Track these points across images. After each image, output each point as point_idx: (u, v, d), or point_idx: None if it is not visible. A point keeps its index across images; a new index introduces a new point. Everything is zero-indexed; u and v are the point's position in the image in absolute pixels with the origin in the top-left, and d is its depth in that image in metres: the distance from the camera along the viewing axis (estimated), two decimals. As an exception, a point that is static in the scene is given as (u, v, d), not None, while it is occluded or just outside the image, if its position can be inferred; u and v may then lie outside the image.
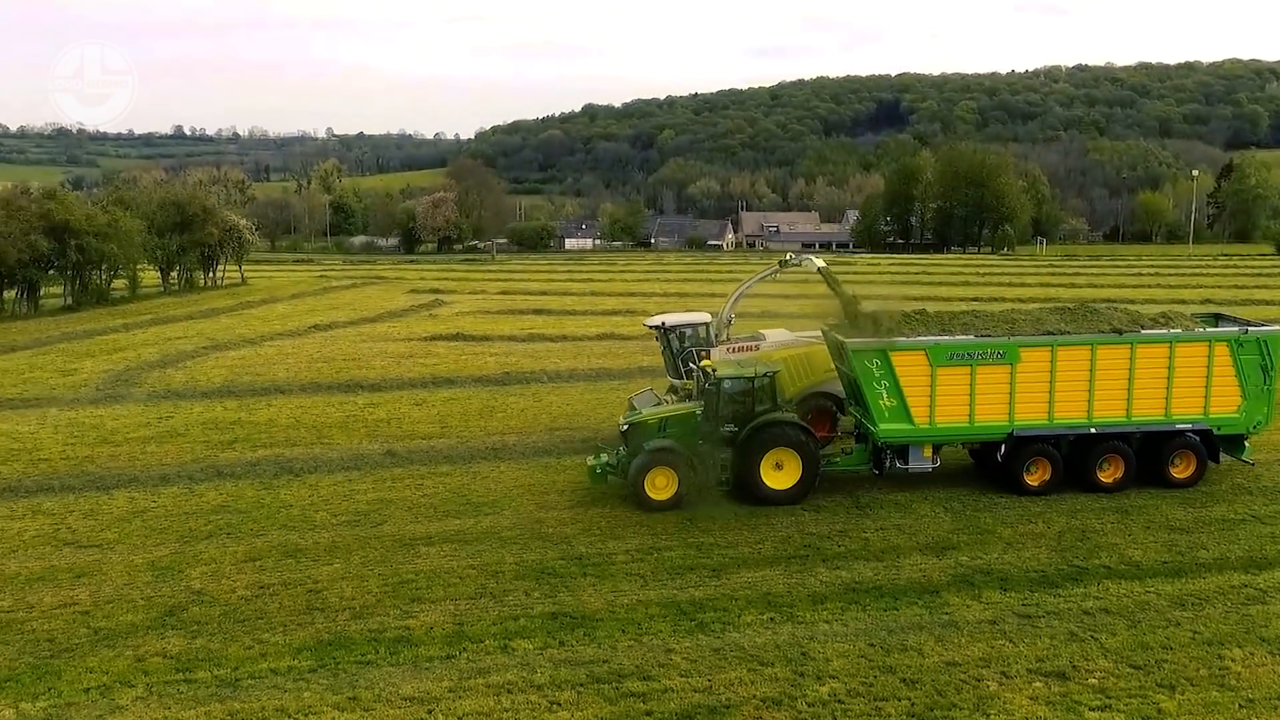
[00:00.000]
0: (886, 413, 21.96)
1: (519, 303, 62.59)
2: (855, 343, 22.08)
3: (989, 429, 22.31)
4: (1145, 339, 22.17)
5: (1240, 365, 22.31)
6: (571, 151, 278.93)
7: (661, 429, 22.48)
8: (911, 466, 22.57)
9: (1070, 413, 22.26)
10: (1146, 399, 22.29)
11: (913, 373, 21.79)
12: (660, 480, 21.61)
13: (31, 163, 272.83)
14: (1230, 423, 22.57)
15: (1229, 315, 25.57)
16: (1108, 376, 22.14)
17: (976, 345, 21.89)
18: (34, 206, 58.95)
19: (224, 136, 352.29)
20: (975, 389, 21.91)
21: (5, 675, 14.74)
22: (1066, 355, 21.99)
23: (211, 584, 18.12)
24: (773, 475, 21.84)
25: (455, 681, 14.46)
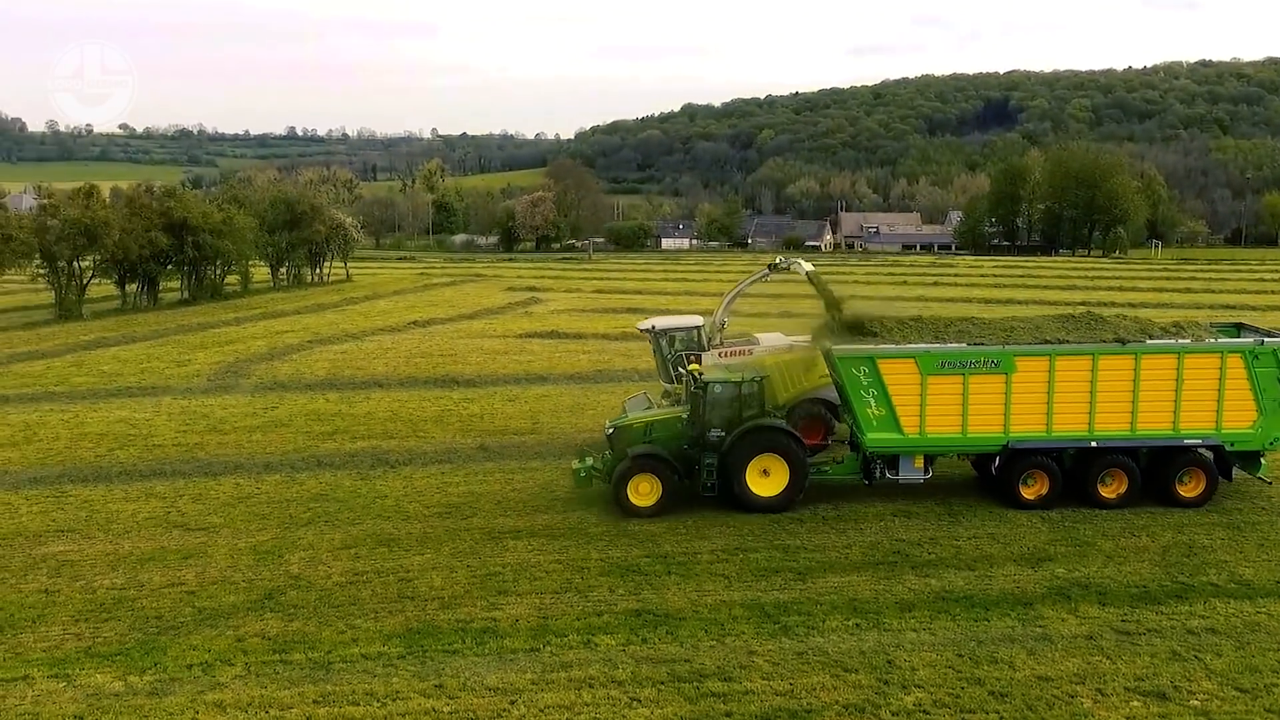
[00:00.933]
0: (875, 422, 21.29)
1: (613, 301, 62.95)
2: (842, 350, 21.48)
3: (983, 440, 21.50)
4: (1151, 349, 21.12)
5: (1256, 378, 21.07)
6: (670, 151, 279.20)
7: (647, 434, 22.22)
8: (902, 477, 21.88)
9: (1070, 425, 21.27)
10: (1153, 412, 21.19)
11: (902, 381, 21.06)
12: (644, 486, 21.24)
13: (155, 162, 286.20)
14: (1244, 439, 21.33)
15: (1252, 325, 24.07)
16: (1110, 388, 21.09)
17: (969, 354, 21.04)
18: (155, 204, 61.83)
19: (334, 137, 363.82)
20: (968, 399, 21.08)
21: (115, 649, 15.51)
22: (1065, 365, 21.05)
23: (309, 569, 18.74)
24: (759, 481, 21.32)
25: (538, 674, 14.65)
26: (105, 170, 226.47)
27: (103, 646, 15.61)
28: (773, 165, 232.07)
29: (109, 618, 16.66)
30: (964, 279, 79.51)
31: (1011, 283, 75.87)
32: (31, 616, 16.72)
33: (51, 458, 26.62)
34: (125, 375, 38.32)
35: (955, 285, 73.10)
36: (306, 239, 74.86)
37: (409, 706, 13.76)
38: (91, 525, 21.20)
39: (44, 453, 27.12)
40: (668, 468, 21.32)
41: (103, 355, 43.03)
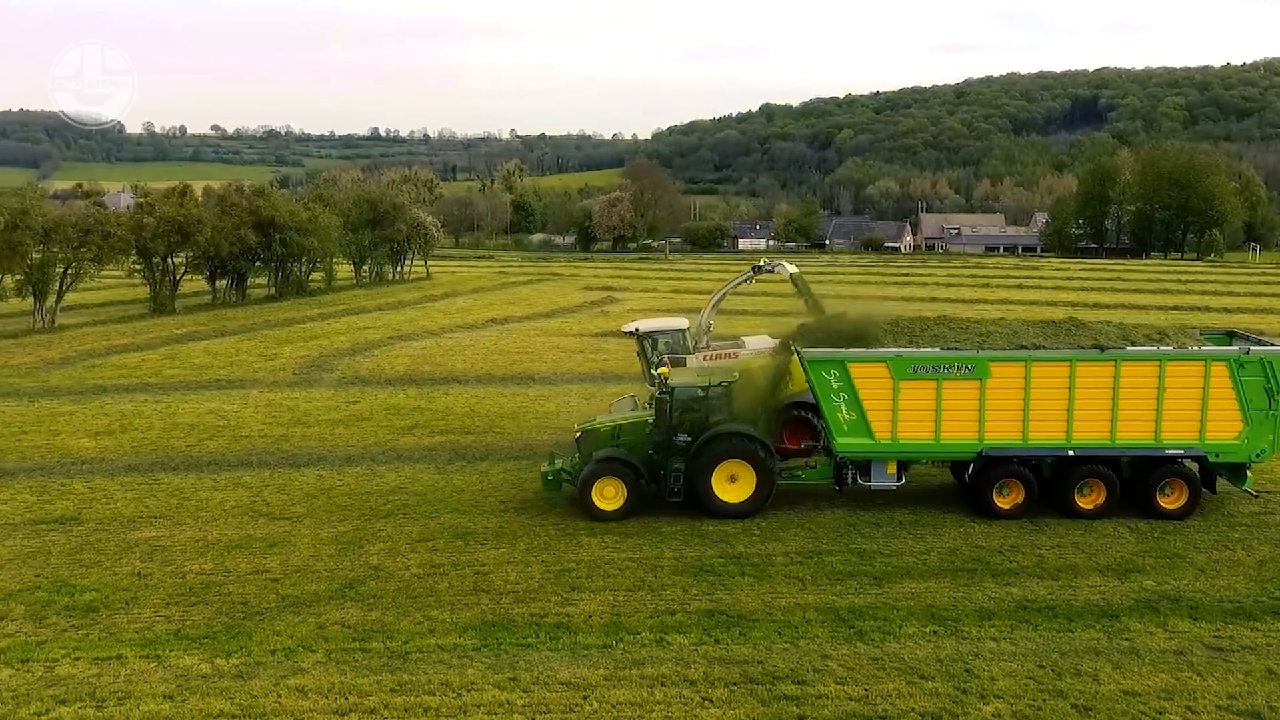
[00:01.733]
0: (845, 426, 20.88)
1: (689, 301, 62.82)
2: (812, 353, 21.09)
3: (957, 447, 21.03)
4: (1131, 356, 20.48)
5: (1241, 387, 20.26)
6: (747, 151, 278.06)
7: (615, 437, 22.06)
8: (874, 484, 21.46)
9: (1047, 433, 20.68)
10: (1133, 421, 20.50)
11: (873, 386, 20.65)
12: (609, 490, 21.05)
13: (245, 162, 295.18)
14: (1230, 450, 20.55)
15: (1243, 333, 23.10)
16: (1089, 396, 20.46)
17: (942, 359, 20.58)
18: (245, 203, 63.69)
19: (415, 138, 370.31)
20: (942, 405, 20.60)
21: (203, 632, 16.02)
22: (1042, 372, 20.47)
23: (388, 560, 19.10)
24: (726, 487, 21.01)
25: (610, 670, 14.70)
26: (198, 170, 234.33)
27: (191, 629, 16.13)
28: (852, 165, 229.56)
29: (198, 602, 17.21)
30: (1049, 282, 77.56)
31: (1099, 286, 73.79)
32: (125, 599, 17.36)
33: (145, 447, 27.61)
34: (215, 368, 39.56)
35: (1040, 288, 71.33)
36: (388, 237, 76.36)
37: (483, 698, 13.93)
38: (182, 512, 21.93)
39: (138, 442, 28.14)
40: (632, 472, 21.09)
41: (194, 349, 44.49)
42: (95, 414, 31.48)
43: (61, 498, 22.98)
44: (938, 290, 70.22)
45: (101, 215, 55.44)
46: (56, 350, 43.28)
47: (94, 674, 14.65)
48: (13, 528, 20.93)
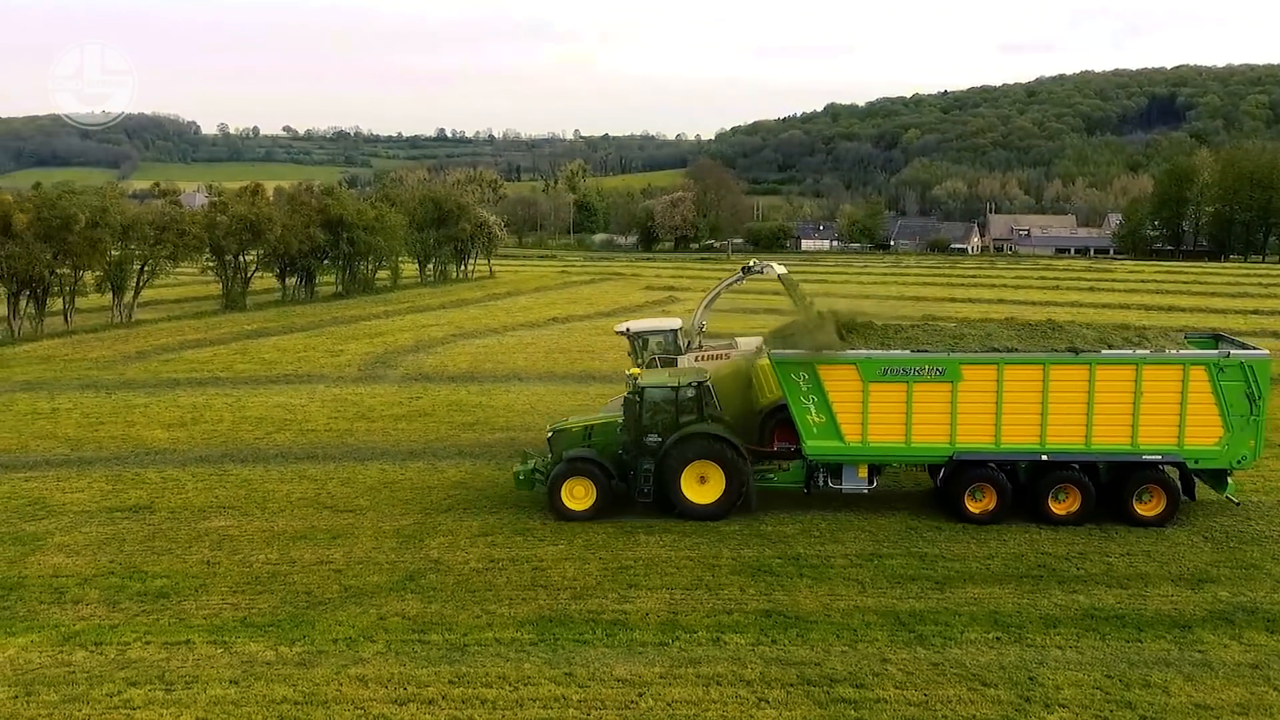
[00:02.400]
0: (815, 429, 20.61)
1: (750, 301, 62.50)
2: (780, 354, 20.79)
3: (928, 451, 20.68)
4: (1107, 360, 19.93)
5: (1221, 392, 19.69)
6: (812, 152, 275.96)
7: (586, 437, 21.95)
8: (845, 487, 21.19)
9: (1020, 437, 20.24)
10: (1109, 426, 19.97)
11: (843, 388, 20.37)
12: (578, 490, 20.93)
13: (316, 163, 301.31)
14: (1210, 456, 19.99)
15: (1229, 337, 22.23)
16: (1063, 400, 19.97)
17: (912, 361, 20.25)
18: (314, 202, 65.10)
19: (481, 139, 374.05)
20: (912, 407, 20.28)
21: (268, 620, 16.36)
22: (1015, 375, 20.03)
23: (448, 554, 19.31)
24: (696, 488, 20.81)
25: (666, 668, 14.67)
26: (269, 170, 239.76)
27: (257, 617, 16.48)
28: (918, 166, 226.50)
29: (263, 590, 17.58)
30: (1122, 285, 75.62)
31: (1175, 289, 71.68)
32: (194, 586, 17.81)
33: (215, 438, 28.31)
34: (283, 363, 40.40)
35: (1113, 291, 69.56)
36: (453, 236, 77.32)
37: (539, 692, 14.00)
38: (249, 503, 22.43)
39: (209, 434, 28.86)
40: (602, 472, 20.96)
41: (264, 344, 45.52)
42: (168, 406, 32.37)
43: (135, 487, 23.66)
44: (1005, 292, 68.89)
45: (177, 214, 57.00)
46: (133, 344, 44.60)
47: (163, 658, 15.05)
48: (89, 515, 21.60)
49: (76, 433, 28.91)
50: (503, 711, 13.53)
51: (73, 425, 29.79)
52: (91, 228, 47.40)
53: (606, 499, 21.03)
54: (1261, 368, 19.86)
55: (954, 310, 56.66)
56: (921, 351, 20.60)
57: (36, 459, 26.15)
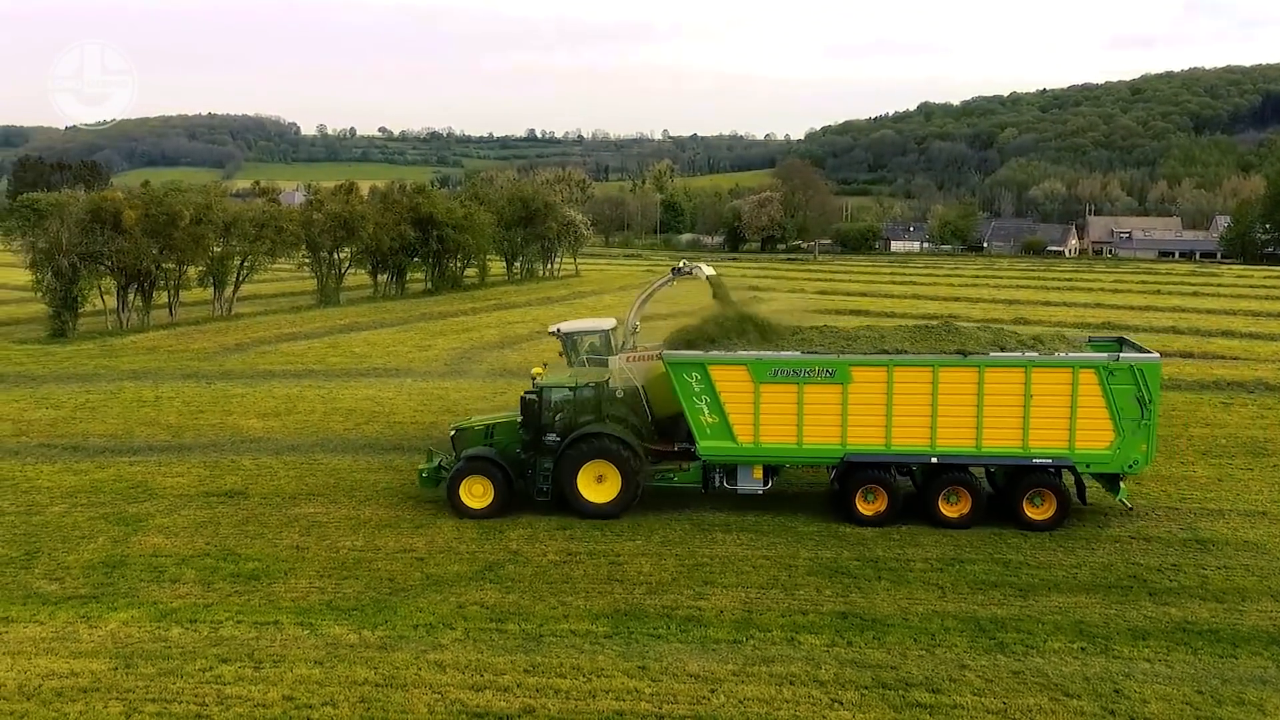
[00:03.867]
0: (708, 429, 20.65)
1: (836, 303, 61.87)
2: (673, 355, 20.87)
3: (820, 452, 20.76)
4: (995, 362, 19.83)
5: (1112, 396, 19.50)
6: (904, 152, 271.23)
7: (488, 436, 22.07)
8: (740, 487, 21.15)
9: (911, 439, 20.18)
10: (999, 429, 19.87)
11: (734, 389, 20.41)
12: (477, 488, 21.06)
13: (409, 163, 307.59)
14: (1101, 460, 19.85)
15: (1133, 341, 21.79)
16: (953, 402, 19.91)
17: (802, 362, 20.29)
18: (406, 200, 66.47)
19: (570, 139, 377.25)
20: (803, 409, 20.27)
21: (352, 605, 16.84)
22: (904, 376, 20.04)
23: (527, 546, 19.60)
24: (593, 488, 20.88)
25: (740, 666, 14.65)
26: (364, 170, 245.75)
27: (342, 601, 16.98)
28: (1014, 166, 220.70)
29: (348, 576, 18.10)
30: (1229, 290, 72.56)
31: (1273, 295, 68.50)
32: (284, 569, 18.43)
33: (307, 429, 29.21)
34: (373, 357, 41.44)
35: (1218, 296, 66.81)
36: (540, 235, 78.18)
37: (612, 685, 14.12)
38: (338, 491, 23.09)
39: (301, 424, 29.79)
40: (500, 471, 21.08)
41: (355, 339, 46.75)
42: (264, 397, 33.50)
43: (231, 473, 24.57)
44: (1102, 296, 66.77)
45: (275, 211, 58.87)
46: (232, 337, 46.27)
47: (253, 637, 15.62)
48: (188, 499, 22.51)
49: (178, 420, 30.14)
50: (575, 702, 13.69)
51: (174, 413, 31.06)
52: (195, 224, 49.31)
53: (505, 498, 21.16)
54: (1152, 371, 19.67)
55: (1047, 315, 55.21)
56: (812, 353, 20.63)
57: (140, 444, 27.35)
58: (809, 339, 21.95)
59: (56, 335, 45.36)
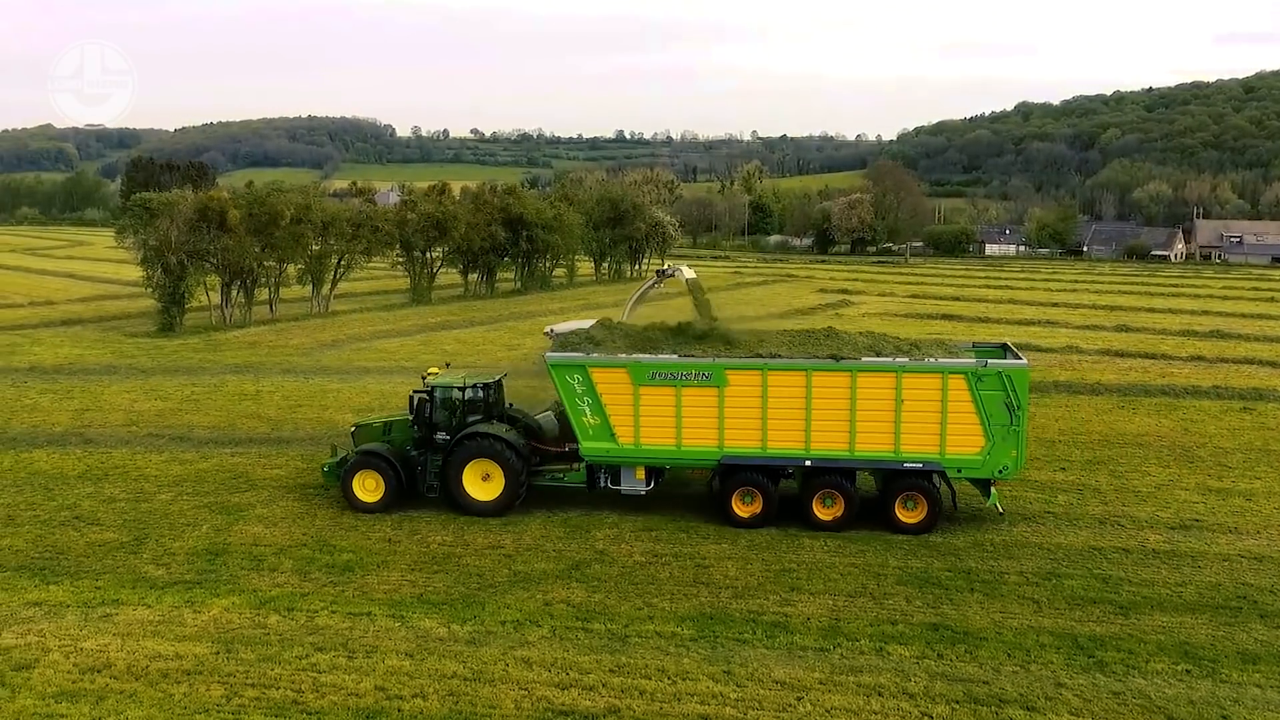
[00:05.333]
0: (590, 430, 20.95)
1: (928, 307, 60.73)
2: (554, 357, 21.20)
3: (698, 454, 20.85)
4: (867, 367, 20.03)
5: (981, 402, 19.59)
6: (1000, 153, 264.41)
7: (385, 433, 22.66)
8: (624, 488, 21.42)
9: (786, 442, 20.35)
10: (872, 433, 20.03)
11: (615, 391, 20.71)
12: (369, 483, 21.58)
13: (500, 164, 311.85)
14: (972, 465, 19.95)
15: (1014, 348, 21.96)
16: (826, 406, 20.13)
17: (678, 365, 20.53)
18: (496, 201, 67.41)
19: (658, 140, 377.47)
20: (681, 411, 20.48)
21: (442, 598, 17.14)
22: (779, 381, 20.22)
23: (613, 546, 19.69)
24: (479, 486, 21.28)
25: (826, 674, 14.47)
26: (457, 171, 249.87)
27: (432, 595, 17.30)
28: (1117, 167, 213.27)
29: (439, 570, 18.43)
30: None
31: None
32: (376, 561, 18.86)
33: (400, 424, 29.77)
34: (463, 355, 42.05)
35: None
36: (627, 236, 78.52)
37: (697, 688, 14.08)
38: (429, 486, 23.48)
39: (394, 419, 30.38)
40: (391, 467, 21.50)
41: (446, 336, 47.59)
42: (358, 392, 34.33)
43: (327, 466, 25.18)
44: (1211, 303, 64.10)
45: (371, 211, 60.32)
46: (329, 333, 47.56)
47: (347, 627, 16.01)
48: (286, 490, 23.20)
49: (277, 414, 31.09)
50: (660, 704, 13.69)
51: (274, 407, 32.05)
52: (295, 224, 50.82)
53: (397, 493, 21.56)
54: (1020, 378, 19.71)
55: (1151, 322, 53.30)
56: (689, 356, 20.76)
57: (242, 436, 28.30)
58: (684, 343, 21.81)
59: (165, 329, 47.25)
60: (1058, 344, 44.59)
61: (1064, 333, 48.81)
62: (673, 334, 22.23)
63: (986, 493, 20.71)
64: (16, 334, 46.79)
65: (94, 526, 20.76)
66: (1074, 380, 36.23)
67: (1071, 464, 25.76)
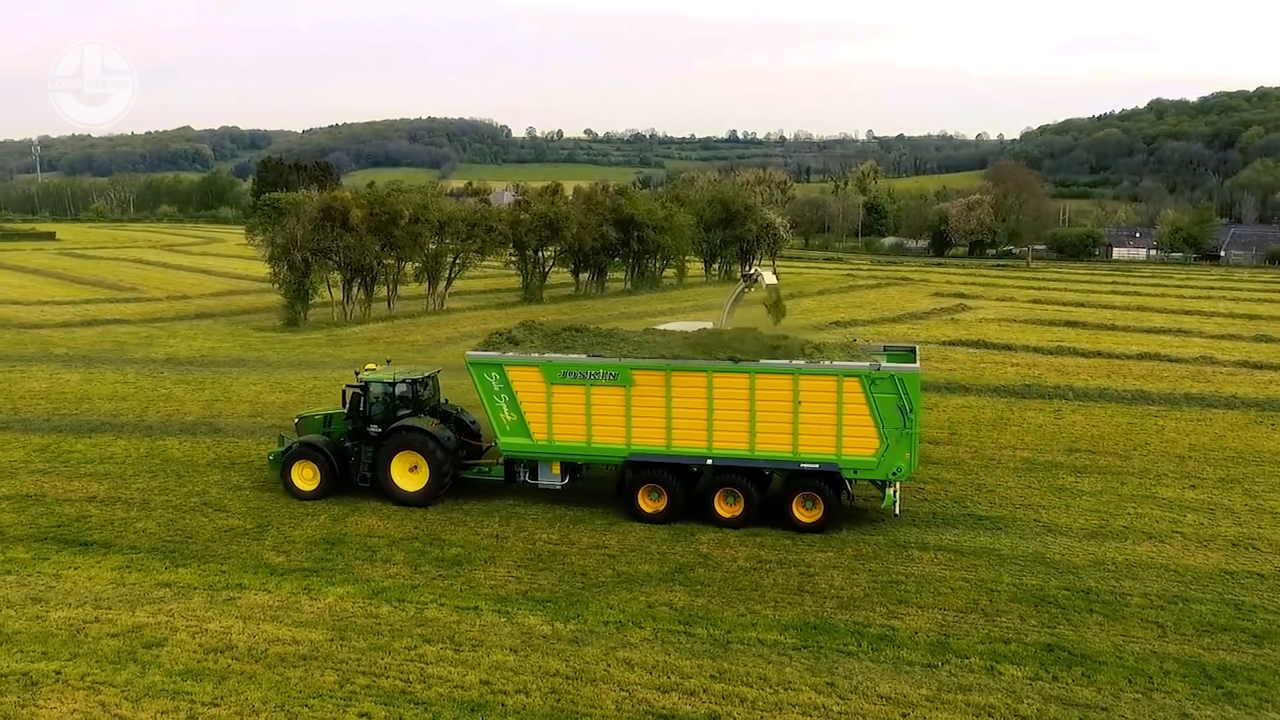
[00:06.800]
0: (507, 426, 21.81)
1: (1050, 313, 58.59)
2: (474, 355, 22.07)
3: (606, 451, 21.56)
4: (764, 369, 20.38)
5: (875, 405, 19.90)
6: (1130, 152, 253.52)
7: (325, 425, 23.58)
8: (541, 482, 22.26)
9: (690, 441, 20.96)
10: (771, 434, 20.51)
11: (529, 389, 21.50)
12: (306, 472, 22.63)
13: (612, 164, 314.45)
14: (867, 466, 20.30)
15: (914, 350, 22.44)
16: (727, 406, 20.62)
17: (587, 365, 21.22)
18: (608, 201, 68.00)
19: (771, 140, 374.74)
20: (591, 409, 21.20)
21: (547, 596, 17.34)
22: (681, 381, 20.80)
23: (717, 550, 19.60)
24: (406, 476, 22.17)
25: (934, 691, 14.09)
26: (570, 171, 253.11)
27: (537, 592, 17.53)
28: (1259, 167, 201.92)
29: (544, 568, 18.66)
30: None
31: None
32: (484, 557, 19.22)
33: (510, 421, 30.25)
34: (573, 354, 42.50)
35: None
36: (738, 236, 78.11)
37: (799, 699, 13.89)
38: (536, 484, 23.81)
39: (504, 416, 30.89)
40: (326, 458, 22.50)
41: (557, 335, 48.10)
42: (472, 390, 34.83)
43: (439, 461, 25.77)
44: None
45: (486, 211, 61.55)
46: (444, 330, 48.72)
47: (455, 620, 16.36)
48: (399, 483, 23.80)
49: (393, 408, 31.92)
50: (762, 713, 13.56)
51: (390, 401, 32.92)
52: (414, 223, 52.26)
53: (331, 483, 22.53)
54: (912, 381, 19.91)
55: None
56: (597, 357, 21.26)
57: (359, 429, 29.16)
58: (591, 344, 22.38)
59: (289, 324, 49.19)
60: (1190, 354, 42.47)
61: (1197, 342, 46.45)
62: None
63: (883, 494, 20.98)
64: (154, 326, 49.44)
65: (221, 513, 21.75)
66: (1207, 393, 34.45)
67: (1203, 481, 24.50)
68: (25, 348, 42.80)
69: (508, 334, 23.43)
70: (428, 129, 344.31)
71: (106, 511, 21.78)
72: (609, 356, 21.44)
